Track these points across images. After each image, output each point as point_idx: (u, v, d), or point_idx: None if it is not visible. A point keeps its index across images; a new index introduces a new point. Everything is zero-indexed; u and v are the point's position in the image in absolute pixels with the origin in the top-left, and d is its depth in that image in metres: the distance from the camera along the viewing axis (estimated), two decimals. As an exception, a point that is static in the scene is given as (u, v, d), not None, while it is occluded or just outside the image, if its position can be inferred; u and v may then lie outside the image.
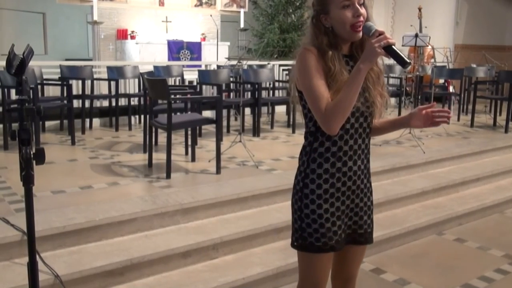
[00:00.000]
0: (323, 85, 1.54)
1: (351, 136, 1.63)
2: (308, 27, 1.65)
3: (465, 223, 4.00)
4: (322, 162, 1.62)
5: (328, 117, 1.51)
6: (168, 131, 3.65)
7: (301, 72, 1.57)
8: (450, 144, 5.35)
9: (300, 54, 1.58)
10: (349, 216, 1.69)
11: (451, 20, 9.99)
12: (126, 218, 2.93)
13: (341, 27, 1.57)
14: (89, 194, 3.35)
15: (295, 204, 1.68)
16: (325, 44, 1.57)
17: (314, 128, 1.62)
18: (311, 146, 1.64)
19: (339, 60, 1.57)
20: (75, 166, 4.16)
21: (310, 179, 1.63)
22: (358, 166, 1.66)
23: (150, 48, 9.24)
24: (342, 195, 1.65)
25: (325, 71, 1.55)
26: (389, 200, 3.90)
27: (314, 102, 1.54)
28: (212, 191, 3.42)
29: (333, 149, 1.61)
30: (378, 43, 1.47)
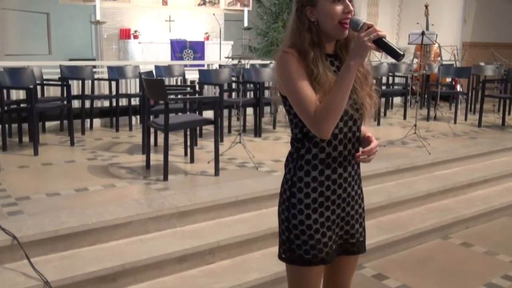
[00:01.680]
0: (309, 87, 1.44)
1: (340, 141, 1.53)
2: (289, 21, 1.55)
3: (472, 226, 3.88)
4: (309, 170, 1.52)
5: (318, 120, 1.41)
6: (165, 132, 3.57)
7: (283, 77, 1.47)
8: (456, 144, 5.22)
9: (279, 58, 1.48)
10: (340, 226, 1.59)
11: (458, 17, 9.82)
12: (121, 222, 2.85)
13: (328, 22, 1.47)
14: (84, 196, 3.28)
15: (282, 214, 1.58)
16: (307, 42, 1.47)
17: (301, 135, 1.53)
18: (297, 153, 1.54)
19: (322, 61, 1.48)
20: (73, 167, 4.09)
21: (298, 188, 1.53)
22: (349, 172, 1.56)
23: (153, 48, 9.17)
24: (332, 204, 1.55)
25: (308, 74, 1.45)
26: (393, 202, 3.80)
27: (301, 106, 1.44)
28: (209, 194, 3.33)
29: (321, 155, 1.52)
30: (368, 36, 1.38)
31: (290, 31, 1.52)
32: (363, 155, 1.54)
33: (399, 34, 10.97)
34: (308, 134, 1.51)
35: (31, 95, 4.33)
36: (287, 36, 1.53)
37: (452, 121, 6.64)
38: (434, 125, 6.30)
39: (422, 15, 9.12)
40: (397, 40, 11.03)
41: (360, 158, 1.54)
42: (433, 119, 6.73)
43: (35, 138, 4.44)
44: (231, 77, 5.88)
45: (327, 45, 1.52)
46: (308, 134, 1.51)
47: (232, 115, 6.01)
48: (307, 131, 1.51)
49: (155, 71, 6.23)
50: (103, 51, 9.31)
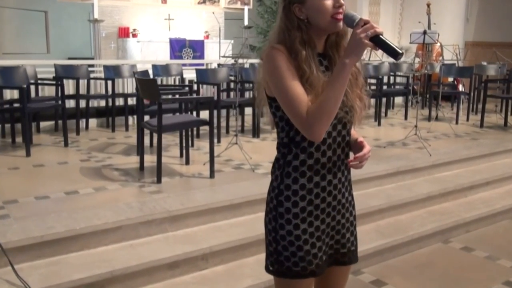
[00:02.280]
0: (300, 87, 1.35)
1: (329, 146, 1.44)
2: (276, 20, 1.46)
3: (473, 230, 3.79)
4: (297, 177, 1.43)
5: (311, 122, 1.32)
6: (158, 134, 3.48)
7: (271, 75, 1.37)
8: (458, 145, 5.12)
9: (267, 54, 1.38)
10: (330, 235, 1.51)
11: (461, 16, 9.70)
12: (110, 227, 2.77)
13: (320, 19, 1.38)
14: (74, 200, 3.19)
15: (268, 224, 1.49)
16: (298, 41, 1.38)
17: (287, 139, 1.44)
18: (284, 159, 1.45)
19: (314, 61, 1.39)
20: (65, 169, 4.01)
21: (285, 196, 1.44)
22: (339, 179, 1.48)
23: (151, 47, 9.09)
24: (322, 212, 1.47)
25: (298, 74, 1.36)
26: (393, 206, 3.70)
27: (292, 107, 1.34)
28: (203, 197, 3.24)
29: (309, 162, 1.43)
30: (364, 33, 1.29)
31: (278, 30, 1.43)
32: (354, 161, 1.45)
33: (401, 33, 10.86)
34: (295, 138, 1.42)
35: (23, 95, 4.24)
36: (274, 35, 1.44)
37: (453, 121, 6.54)
38: (435, 126, 6.20)
39: (424, 14, 9.01)
40: (399, 39, 10.92)
41: (352, 164, 1.46)
42: (434, 119, 6.63)
43: (27, 139, 4.36)
44: (229, 76, 5.79)
45: (317, 42, 1.43)
46: (295, 138, 1.42)
47: (231, 115, 5.92)
48: (294, 136, 1.42)
49: (153, 70, 6.16)
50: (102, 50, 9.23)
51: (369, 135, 5.70)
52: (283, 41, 1.40)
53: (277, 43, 1.41)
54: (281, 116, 1.43)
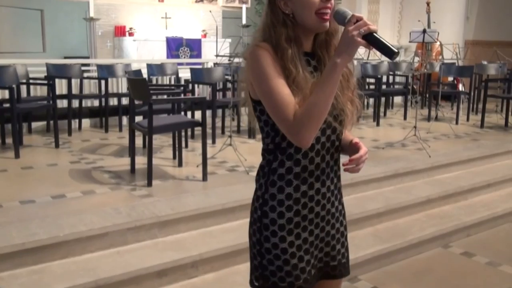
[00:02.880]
0: (287, 88, 1.24)
1: (318, 152, 1.33)
2: (262, 16, 1.35)
3: (473, 234, 3.68)
4: (283, 186, 1.33)
5: (298, 126, 1.21)
6: (149, 135, 3.37)
7: (255, 76, 1.27)
8: (458, 147, 5.01)
9: (251, 53, 1.28)
10: (319, 248, 1.40)
11: (461, 15, 9.59)
12: (96, 233, 2.66)
13: (304, 14, 1.27)
14: (61, 204, 3.08)
15: (253, 236, 1.39)
16: (283, 38, 1.27)
17: (273, 145, 1.33)
18: (269, 166, 1.35)
19: (300, 60, 1.28)
20: (53, 171, 3.90)
21: (270, 207, 1.34)
22: (328, 187, 1.37)
23: (148, 45, 8.98)
24: (310, 223, 1.36)
25: (284, 74, 1.26)
26: (391, 209, 3.60)
27: (278, 110, 1.23)
28: (194, 201, 3.13)
29: (296, 169, 1.32)
30: (357, 30, 1.18)
31: (263, 27, 1.32)
32: (350, 164, 1.34)
33: (400, 32, 10.75)
34: (281, 144, 1.32)
35: (12, 95, 4.13)
36: (258, 32, 1.34)
37: (453, 121, 6.43)
38: (435, 126, 6.09)
39: (423, 12, 8.90)
40: (399, 38, 10.80)
41: (347, 168, 1.34)
42: (434, 119, 6.52)
43: (16, 140, 4.24)
44: (224, 76, 5.68)
45: (304, 41, 1.32)
46: (281, 144, 1.32)
47: (226, 115, 5.81)
48: (280, 141, 1.31)
49: (147, 70, 6.05)
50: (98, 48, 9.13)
51: (367, 135, 5.60)
52: (269, 38, 1.29)
53: (262, 40, 1.30)
54: (266, 121, 1.32)
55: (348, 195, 3.68)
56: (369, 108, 7.66)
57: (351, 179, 3.57)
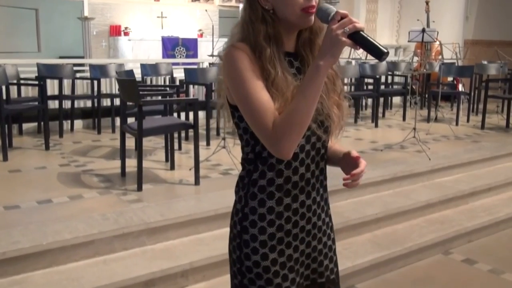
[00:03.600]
0: (265, 93, 1.13)
1: (302, 162, 1.22)
2: (241, 12, 1.24)
3: (475, 239, 3.57)
4: (264, 199, 1.21)
5: (278, 136, 1.10)
6: (138, 138, 3.26)
7: (231, 80, 1.15)
8: (458, 149, 4.90)
9: (226, 55, 1.16)
10: (305, 264, 1.29)
11: (460, 14, 9.48)
12: (81, 241, 2.54)
13: (287, 10, 1.16)
14: (46, 210, 2.96)
15: (233, 254, 1.26)
16: (262, 37, 1.16)
17: (253, 155, 1.21)
18: (249, 177, 1.23)
19: (280, 60, 1.17)
20: (41, 175, 3.78)
21: (250, 221, 1.22)
22: (313, 199, 1.26)
23: (143, 45, 8.88)
24: (294, 239, 1.24)
25: (263, 77, 1.14)
26: (389, 214, 3.48)
27: (255, 117, 1.12)
28: (185, 207, 3.02)
29: (278, 181, 1.20)
30: (341, 29, 1.06)
31: (241, 24, 1.20)
32: (351, 178, 1.23)
33: (399, 31, 10.65)
34: (262, 154, 1.20)
35: (0, 95, 4.01)
36: (236, 29, 1.22)
37: (453, 122, 6.32)
38: (434, 127, 5.97)
39: (423, 11, 8.80)
40: (397, 38, 10.70)
41: (347, 183, 1.24)
42: (433, 120, 6.41)
43: (4, 142, 4.12)
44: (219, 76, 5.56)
45: (285, 39, 1.20)
46: (262, 154, 1.20)
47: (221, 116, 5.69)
48: (260, 151, 1.20)
49: (141, 70, 5.93)
50: (93, 48, 9.02)
51: (365, 137, 5.48)
52: (247, 37, 1.17)
53: (240, 39, 1.19)
54: (245, 128, 1.20)
55: (345, 199, 3.57)
56: (367, 109, 7.56)
57: (349, 183, 3.45)
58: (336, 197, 3.54)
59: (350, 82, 7.26)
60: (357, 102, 6.74)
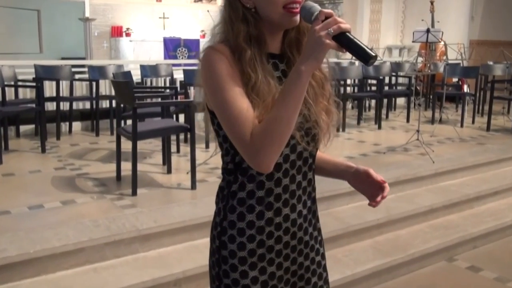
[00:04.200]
0: (245, 100, 1.03)
1: (286, 172, 1.12)
2: (221, 11, 1.14)
3: (480, 246, 3.46)
4: (244, 212, 1.11)
5: (256, 147, 1.00)
6: (133, 141, 3.17)
7: (209, 85, 1.06)
8: (463, 151, 4.78)
9: (204, 57, 1.06)
10: (291, 283, 1.18)
11: (465, 14, 9.35)
12: (70, 249, 2.46)
13: (269, 8, 1.06)
14: (37, 216, 2.88)
15: (212, 269, 1.17)
16: (242, 37, 1.06)
17: (232, 165, 1.12)
18: (228, 189, 1.13)
19: (262, 63, 1.07)
20: (35, 179, 3.71)
21: (229, 236, 1.12)
22: (299, 212, 1.16)
23: (145, 46, 8.83)
24: (278, 255, 1.15)
25: (243, 81, 1.05)
26: (392, 220, 3.38)
27: (233, 127, 1.03)
28: (181, 212, 2.93)
29: (259, 193, 1.11)
30: (325, 30, 0.97)
31: (221, 23, 1.11)
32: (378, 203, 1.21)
33: (404, 31, 10.53)
34: (242, 164, 1.10)
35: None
36: (215, 29, 1.12)
37: (458, 124, 6.20)
38: (439, 129, 5.85)
39: (427, 11, 8.68)
40: (402, 38, 10.59)
41: (375, 204, 1.21)
42: (438, 122, 6.28)
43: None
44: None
45: (269, 40, 1.11)
46: (242, 164, 1.10)
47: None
48: (240, 161, 1.10)
49: (141, 71, 5.86)
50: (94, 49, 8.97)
51: (368, 139, 5.38)
52: (226, 36, 1.08)
53: (219, 40, 1.10)
54: (224, 136, 1.10)
55: (346, 204, 3.47)
56: (370, 110, 7.45)
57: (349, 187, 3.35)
58: (336, 202, 3.45)
59: (353, 83, 7.16)
60: (360, 103, 6.63)
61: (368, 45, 8.63)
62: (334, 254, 3.02)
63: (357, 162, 4.19)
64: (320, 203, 3.68)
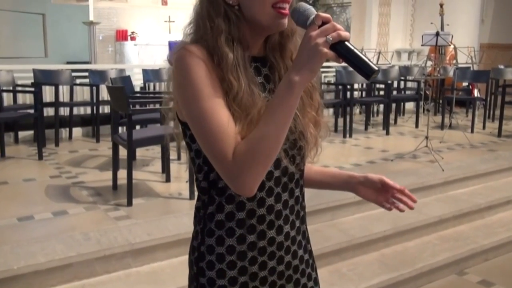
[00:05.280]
0: (225, 112, 0.89)
1: (270, 191, 0.98)
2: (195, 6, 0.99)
3: (492, 258, 3.30)
4: (223, 236, 0.98)
5: (239, 168, 0.87)
6: (128, 149, 3.05)
7: (182, 93, 0.91)
8: (474, 158, 4.60)
9: (177, 60, 0.91)
10: None
11: (476, 17, 9.15)
12: (57, 265, 2.33)
13: (256, 6, 0.93)
14: (26, 228, 2.76)
15: None
16: (223, 39, 0.92)
17: (206, 183, 0.98)
18: (205, 210, 0.99)
19: (245, 70, 0.93)
20: (29, 187, 3.60)
21: (207, 262, 0.99)
22: (286, 234, 1.02)
23: (149, 50, 8.73)
24: (262, 283, 1.01)
25: (222, 90, 0.91)
26: (399, 231, 3.23)
27: (211, 143, 0.88)
28: (176, 225, 2.79)
29: (239, 215, 0.97)
30: (323, 37, 0.83)
31: (196, 21, 0.97)
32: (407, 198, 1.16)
33: (413, 35, 10.35)
34: (217, 183, 0.97)
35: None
36: (188, 28, 0.98)
37: (468, 129, 6.02)
38: (448, 135, 5.68)
39: (436, 14, 8.50)
40: (411, 42, 10.40)
41: None
42: (447, 127, 6.10)
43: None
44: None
45: (252, 43, 0.97)
46: (217, 183, 0.97)
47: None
48: (216, 179, 0.96)
49: (143, 75, 5.76)
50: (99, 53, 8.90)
51: (375, 145, 5.22)
52: (203, 37, 0.94)
53: (194, 40, 0.95)
54: (197, 150, 0.97)
55: (352, 214, 3.33)
56: (378, 115, 7.28)
57: (354, 197, 3.20)
58: (341, 213, 3.30)
59: (361, 88, 7.00)
60: (367, 108, 6.48)
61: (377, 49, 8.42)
62: (338, 268, 2.88)
63: (364, 169, 4.07)
64: (324, 214, 3.49)
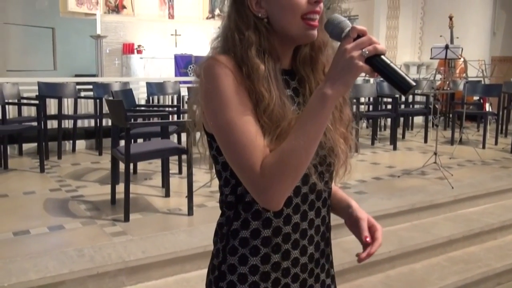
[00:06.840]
0: (254, 124, 0.86)
1: (296, 208, 0.94)
2: (224, 20, 0.96)
3: (505, 282, 3.15)
4: (246, 255, 0.94)
5: (267, 181, 0.83)
6: (126, 164, 2.98)
7: (210, 103, 0.88)
8: (485, 175, 4.46)
9: (205, 70, 0.88)
10: None
11: (486, 29, 9.04)
12: (48, 282, 2.25)
13: (287, 18, 0.91)
14: (20, 243, 2.69)
15: None
16: (253, 51, 0.89)
17: (234, 197, 0.94)
18: (229, 226, 0.95)
19: (276, 82, 0.90)
20: (28, 201, 3.54)
21: (228, 283, 0.95)
22: (310, 255, 0.98)
23: (155, 63, 8.74)
24: None
25: (252, 102, 0.88)
26: (406, 252, 3.10)
27: (239, 155, 0.85)
28: (173, 242, 2.70)
29: (265, 232, 0.93)
30: (358, 50, 0.80)
31: (224, 33, 0.94)
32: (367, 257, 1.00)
33: (422, 48, 10.26)
34: (245, 197, 0.93)
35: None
36: (217, 40, 0.95)
37: (480, 145, 5.87)
38: (459, 150, 5.54)
39: (446, 27, 8.41)
40: (420, 55, 10.31)
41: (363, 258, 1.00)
42: (458, 142, 5.97)
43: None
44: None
45: (281, 55, 0.95)
46: (245, 197, 0.93)
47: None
48: (243, 193, 0.93)
49: (147, 89, 5.73)
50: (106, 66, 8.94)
51: (382, 161, 5.10)
52: (232, 49, 0.91)
53: (221, 52, 0.92)
54: (224, 163, 0.93)
55: (356, 233, 3.21)
56: (386, 130, 7.17)
57: (359, 215, 3.09)
58: (344, 232, 3.17)
59: (367, 101, 6.90)
60: (374, 122, 6.37)
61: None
62: (341, 290, 2.77)
63: (370, 186, 3.95)
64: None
